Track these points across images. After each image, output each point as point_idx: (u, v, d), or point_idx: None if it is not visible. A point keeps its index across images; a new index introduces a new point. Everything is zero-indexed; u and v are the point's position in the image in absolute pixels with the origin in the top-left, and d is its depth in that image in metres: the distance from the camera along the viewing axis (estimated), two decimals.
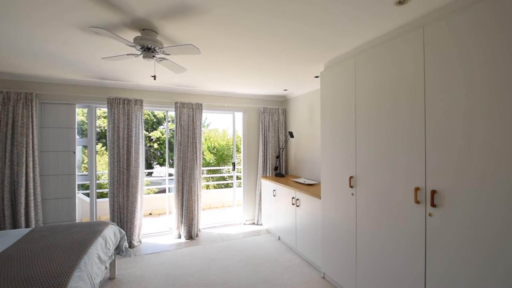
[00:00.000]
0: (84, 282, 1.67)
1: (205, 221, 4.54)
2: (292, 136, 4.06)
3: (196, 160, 3.91)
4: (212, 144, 8.39)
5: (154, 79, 2.11)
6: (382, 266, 1.93)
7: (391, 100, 1.84)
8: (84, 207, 4.56)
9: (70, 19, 1.76)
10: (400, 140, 1.77)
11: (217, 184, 8.07)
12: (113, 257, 2.57)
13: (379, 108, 1.94)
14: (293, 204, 3.26)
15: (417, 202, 1.63)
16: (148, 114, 11.33)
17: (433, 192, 1.53)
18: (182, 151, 3.85)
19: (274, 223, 3.81)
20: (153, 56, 1.97)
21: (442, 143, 1.50)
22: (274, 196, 3.75)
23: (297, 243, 3.20)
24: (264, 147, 4.38)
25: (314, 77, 3.19)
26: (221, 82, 3.55)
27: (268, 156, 4.37)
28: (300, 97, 4.16)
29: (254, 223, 4.43)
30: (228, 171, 7.78)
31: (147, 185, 8.91)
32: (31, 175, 3.12)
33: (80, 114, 8.80)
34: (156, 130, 11.49)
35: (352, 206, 2.23)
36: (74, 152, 3.49)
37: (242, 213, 4.46)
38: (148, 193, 8.17)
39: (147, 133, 11.42)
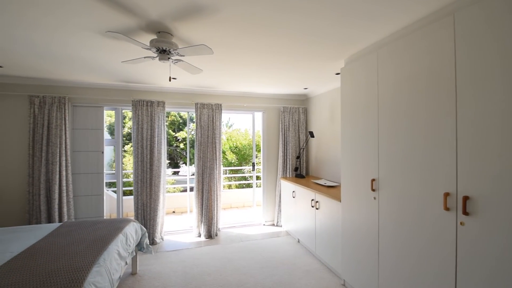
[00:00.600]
0: (102, 277, 1.74)
1: (225, 220, 4.57)
2: (312, 136, 3.93)
3: (216, 160, 3.94)
4: (234, 144, 8.46)
5: (170, 80, 2.15)
6: (407, 276, 1.77)
7: (418, 96, 1.68)
8: (112, 203, 4.82)
9: (92, 26, 1.84)
10: (428, 141, 1.60)
11: (239, 184, 8.12)
12: (134, 253, 2.67)
13: (405, 105, 1.78)
14: (312, 207, 3.14)
15: (447, 209, 1.46)
16: (175, 115, 11.75)
17: (466, 199, 1.36)
18: (202, 151, 3.90)
19: (293, 225, 3.72)
20: (168, 58, 2.00)
21: (477, 143, 1.32)
22: (294, 197, 3.66)
23: (316, 247, 3.08)
24: (284, 147, 4.29)
25: (335, 74, 3.05)
26: (240, 82, 3.53)
27: (288, 156, 4.27)
28: (321, 96, 4.02)
29: (273, 224, 4.36)
30: (249, 171, 7.81)
31: (173, 183, 9.24)
32: (64, 173, 3.36)
33: (114, 116, 9.37)
34: (182, 130, 11.89)
35: (374, 211, 2.08)
36: (102, 152, 3.70)
37: (262, 214, 4.42)
38: (174, 192, 8.42)
39: (174, 133, 11.86)
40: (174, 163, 11.97)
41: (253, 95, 4.25)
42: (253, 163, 4.50)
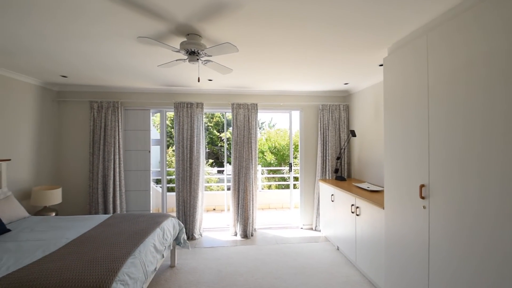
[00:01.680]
0: (136, 268, 1.85)
1: (261, 221, 4.54)
2: (353, 135, 3.61)
3: (252, 160, 3.92)
4: (273, 144, 8.36)
5: (198, 81, 2.19)
6: None
7: (479, 85, 1.36)
8: (159, 198, 5.20)
9: (129, 34, 1.98)
10: (495, 140, 1.29)
11: (279, 185, 8.01)
12: (171, 247, 2.81)
13: (462, 96, 1.47)
14: (352, 212, 2.88)
15: None
16: (219, 116, 12.23)
17: None
18: (238, 151, 3.93)
19: (332, 231, 3.47)
20: (197, 59, 2.04)
21: None
22: (333, 201, 3.42)
23: (357, 256, 2.81)
24: (323, 147, 4.05)
25: (378, 65, 2.74)
26: (274, 81, 3.45)
27: (327, 157, 4.02)
28: (364, 91, 3.67)
29: (312, 228, 4.16)
30: (287, 172, 7.63)
31: (217, 182, 9.60)
32: (117, 170, 3.74)
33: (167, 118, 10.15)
34: (226, 131, 12.33)
35: (424, 223, 1.78)
36: (149, 151, 4.01)
37: (299, 217, 4.25)
38: (218, 190, 8.75)
39: (218, 133, 12.36)
40: (219, 162, 12.46)
41: (289, 93, 4.12)
42: (290, 163, 4.36)
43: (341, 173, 3.97)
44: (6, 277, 1.51)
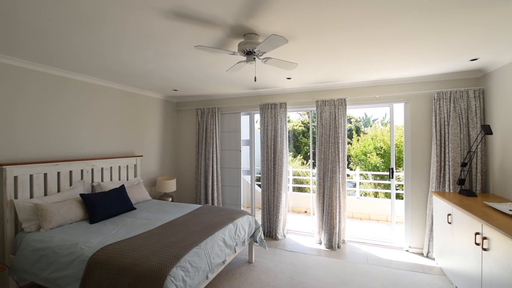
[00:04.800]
0: (200, 258, 2.02)
1: (354, 232, 3.96)
2: (488, 132, 2.50)
3: (338, 162, 3.49)
4: (379, 145, 6.99)
5: (255, 80, 2.14)
6: None
7: None
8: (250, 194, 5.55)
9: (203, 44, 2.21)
10: None
11: (387, 193, 6.68)
12: (245, 244, 2.90)
13: None
14: (477, 244, 2.00)
15: None
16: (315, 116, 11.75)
17: None
18: (323, 152, 3.60)
19: (450, 263, 2.56)
20: (254, 58, 2.00)
21: None
22: (450, 223, 2.51)
23: None
24: (440, 150, 3.05)
25: None
26: (367, 70, 2.89)
27: (446, 163, 3.00)
28: (509, 67, 2.46)
29: (421, 254, 3.22)
30: (397, 178, 6.16)
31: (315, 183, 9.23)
32: (215, 167, 4.28)
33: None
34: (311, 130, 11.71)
35: None
36: (240, 151, 4.36)
37: (404, 236, 3.39)
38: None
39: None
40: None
41: (388, 82, 3.36)
42: (391, 168, 3.55)
43: (470, 185, 2.85)
44: (112, 244, 2.03)
